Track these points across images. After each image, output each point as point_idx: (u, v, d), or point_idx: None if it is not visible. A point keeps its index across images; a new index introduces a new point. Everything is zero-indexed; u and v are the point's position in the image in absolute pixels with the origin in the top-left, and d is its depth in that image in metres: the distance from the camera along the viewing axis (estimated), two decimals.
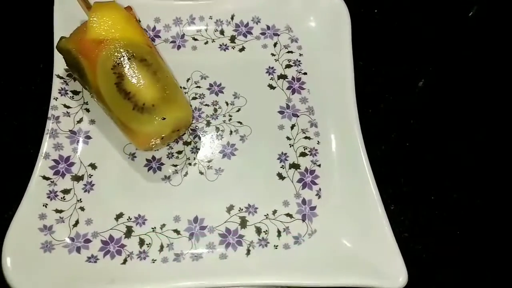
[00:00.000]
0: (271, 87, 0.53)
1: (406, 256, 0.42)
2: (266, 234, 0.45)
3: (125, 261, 0.44)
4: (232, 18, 0.56)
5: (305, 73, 0.54)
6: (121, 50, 0.43)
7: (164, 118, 0.42)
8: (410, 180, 0.50)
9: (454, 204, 0.49)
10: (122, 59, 0.43)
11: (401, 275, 0.41)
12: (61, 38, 0.46)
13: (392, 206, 0.48)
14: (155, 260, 0.44)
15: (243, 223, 0.46)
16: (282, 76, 0.54)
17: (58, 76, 0.50)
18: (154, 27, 0.55)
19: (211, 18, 0.55)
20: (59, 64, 0.50)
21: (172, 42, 0.55)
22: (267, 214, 0.46)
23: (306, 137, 0.50)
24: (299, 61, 0.55)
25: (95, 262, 0.43)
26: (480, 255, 0.47)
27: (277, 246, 0.45)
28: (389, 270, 0.41)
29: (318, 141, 0.50)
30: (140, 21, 0.52)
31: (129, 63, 0.43)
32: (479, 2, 0.59)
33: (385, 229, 0.43)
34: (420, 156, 0.51)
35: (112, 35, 0.43)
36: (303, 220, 0.46)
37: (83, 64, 0.44)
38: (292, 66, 0.54)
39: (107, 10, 0.45)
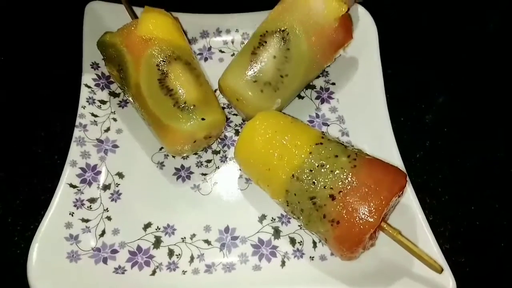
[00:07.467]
0: (300, 97, 0.52)
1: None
2: (301, 245, 0.43)
3: (154, 272, 0.41)
4: None
5: (333, 83, 0.53)
6: (168, 50, 0.44)
7: (203, 119, 0.42)
8: (449, 190, 0.48)
9: (496, 214, 0.47)
10: (168, 58, 0.44)
11: (449, 284, 0.38)
12: (106, 32, 0.46)
13: (431, 217, 0.46)
14: (186, 271, 0.41)
15: (277, 233, 0.44)
16: (310, 86, 0.53)
17: (86, 86, 0.49)
18: None
19: (237, 31, 0.56)
20: (88, 74, 0.50)
21: (199, 54, 0.55)
22: (301, 224, 0.44)
23: None
24: (327, 71, 0.54)
25: (123, 273, 0.41)
26: None
27: (313, 257, 0.43)
28: (436, 279, 0.39)
29: None
30: None
31: (174, 63, 0.44)
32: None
33: (428, 237, 0.41)
34: (457, 164, 0.50)
35: (161, 36, 0.45)
36: None
37: (127, 58, 0.44)
38: (320, 76, 0.54)
39: (158, 14, 0.46)
